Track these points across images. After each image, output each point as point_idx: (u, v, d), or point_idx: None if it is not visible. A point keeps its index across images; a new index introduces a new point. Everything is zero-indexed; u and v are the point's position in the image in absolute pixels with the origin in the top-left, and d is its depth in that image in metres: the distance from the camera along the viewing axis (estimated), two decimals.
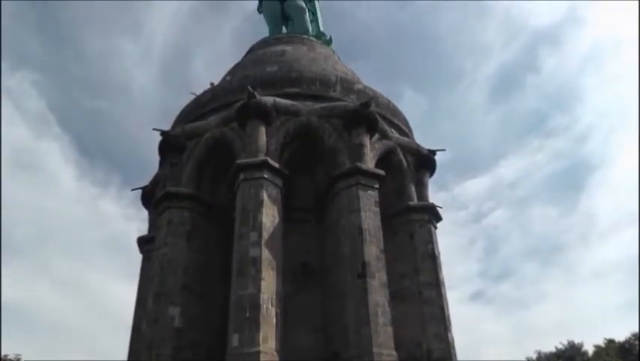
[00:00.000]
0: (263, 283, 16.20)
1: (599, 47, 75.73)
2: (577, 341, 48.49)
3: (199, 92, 23.42)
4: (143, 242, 23.11)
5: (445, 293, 19.60)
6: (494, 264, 72.06)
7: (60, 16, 74.63)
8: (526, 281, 67.43)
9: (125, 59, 76.96)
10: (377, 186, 19.00)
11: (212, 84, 23.86)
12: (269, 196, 17.99)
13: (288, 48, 25.34)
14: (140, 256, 23.10)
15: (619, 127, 73.78)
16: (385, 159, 20.85)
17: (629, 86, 70.13)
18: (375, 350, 15.72)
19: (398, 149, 21.47)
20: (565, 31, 77.36)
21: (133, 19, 79.51)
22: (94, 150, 77.85)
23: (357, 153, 19.32)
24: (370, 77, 26.09)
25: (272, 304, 16.18)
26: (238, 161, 18.73)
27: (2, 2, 55.22)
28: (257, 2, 31.75)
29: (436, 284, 19.52)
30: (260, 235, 16.99)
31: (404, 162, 21.46)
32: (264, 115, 19.49)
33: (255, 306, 15.80)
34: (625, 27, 73.96)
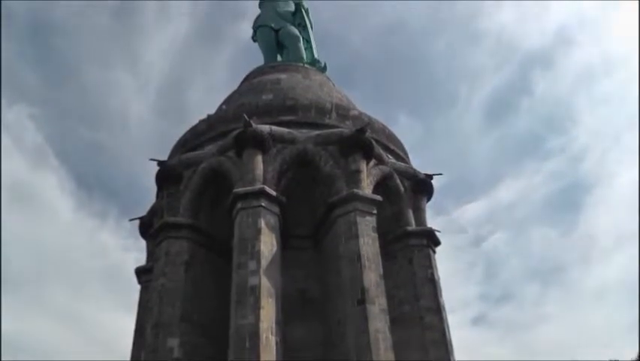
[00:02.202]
0: (262, 312, 16.09)
1: (590, 68, 76.15)
2: None
3: (195, 122, 23.52)
4: (141, 273, 22.99)
5: (446, 317, 19.47)
6: (495, 287, 71.58)
7: (58, 50, 75.00)
8: (527, 303, 66.88)
9: (122, 90, 77.27)
10: (375, 211, 18.98)
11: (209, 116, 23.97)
12: (267, 224, 17.98)
13: (283, 76, 25.50)
14: (138, 287, 23.00)
15: (614, 146, 73.97)
16: (382, 185, 20.85)
17: (621, 105, 70.43)
18: None
19: (395, 174, 21.48)
20: (556, 53, 77.78)
21: (130, 51, 79.95)
22: (91, 181, 77.89)
23: (354, 179, 19.33)
24: (365, 103, 26.30)
25: (272, 333, 16.04)
26: (235, 190, 18.75)
27: (2, 35, 55.70)
28: (251, 31, 32.02)
29: (437, 309, 19.40)
30: (258, 264, 16.92)
31: (401, 187, 21.44)
32: (261, 143, 19.57)
33: (255, 335, 15.66)
34: (614, 47, 74.54)
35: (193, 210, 20.35)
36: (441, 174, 23.14)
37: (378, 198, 19.47)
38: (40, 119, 76.86)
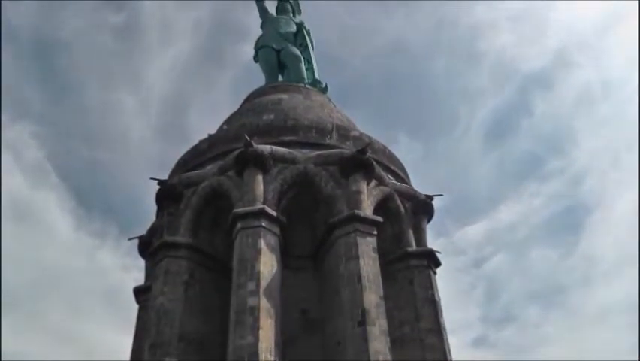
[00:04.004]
0: (261, 333, 16.03)
1: (590, 89, 76.40)
2: None
3: (196, 142, 23.57)
4: (139, 292, 22.83)
5: (447, 339, 19.34)
6: (496, 308, 71.20)
7: (61, 69, 75.43)
8: (529, 325, 66.47)
9: (123, 110, 77.46)
10: (375, 232, 18.96)
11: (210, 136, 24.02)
12: (267, 245, 17.95)
13: (285, 96, 25.59)
14: (136, 306, 22.85)
15: (613, 167, 74.00)
16: (383, 205, 20.83)
17: (621, 127, 70.63)
18: None
19: (395, 195, 21.47)
20: (555, 74, 78.14)
21: (132, 71, 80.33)
22: (91, 200, 77.55)
23: (355, 199, 19.32)
24: (366, 124, 26.37)
25: (271, 354, 15.97)
26: (235, 210, 18.76)
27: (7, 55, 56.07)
28: (253, 51, 32.19)
29: (438, 330, 19.28)
30: (258, 284, 16.88)
31: (402, 208, 21.42)
32: (261, 163, 19.59)
33: (254, 356, 15.59)
34: (613, 69, 74.92)
35: (193, 230, 20.31)
36: (441, 195, 23.19)
37: (379, 219, 19.46)
38: (42, 137, 77.00)
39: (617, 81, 72.10)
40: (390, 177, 22.10)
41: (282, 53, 30.14)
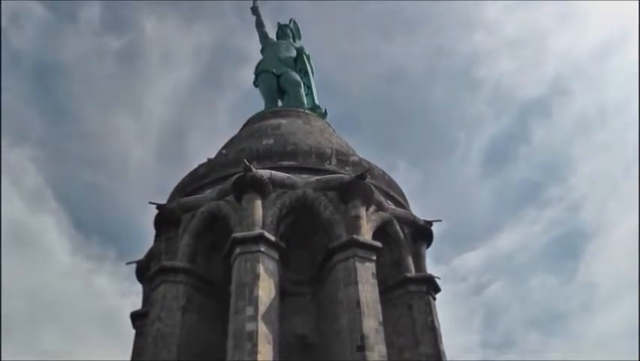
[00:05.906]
0: (259, 358, 15.88)
1: (587, 116, 76.78)
2: None
3: (196, 166, 23.58)
4: (136, 317, 22.63)
5: None
6: (496, 335, 70.72)
7: (61, 93, 75.89)
8: (529, 351, 65.96)
9: (123, 134, 77.70)
10: (374, 258, 18.91)
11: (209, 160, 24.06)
12: (265, 270, 17.88)
13: (284, 121, 25.68)
14: (133, 332, 22.65)
15: (612, 194, 74.02)
16: (382, 231, 20.81)
17: (619, 153, 70.84)
18: None
19: (394, 220, 21.46)
20: (553, 101, 78.67)
21: (132, 96, 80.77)
22: (90, 224, 77.53)
23: (354, 225, 19.30)
24: (365, 150, 26.33)
25: None
26: (234, 234, 18.71)
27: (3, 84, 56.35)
28: (253, 76, 32.37)
29: (437, 356, 19.12)
30: (256, 309, 16.77)
31: (401, 234, 21.39)
32: (260, 188, 19.60)
33: None
34: (610, 96, 75.41)
35: (191, 254, 20.26)
36: (440, 221, 23.14)
37: (378, 244, 19.42)
38: (41, 161, 77.17)
39: (614, 108, 72.62)
40: (389, 202, 22.10)
41: (281, 78, 30.27)
